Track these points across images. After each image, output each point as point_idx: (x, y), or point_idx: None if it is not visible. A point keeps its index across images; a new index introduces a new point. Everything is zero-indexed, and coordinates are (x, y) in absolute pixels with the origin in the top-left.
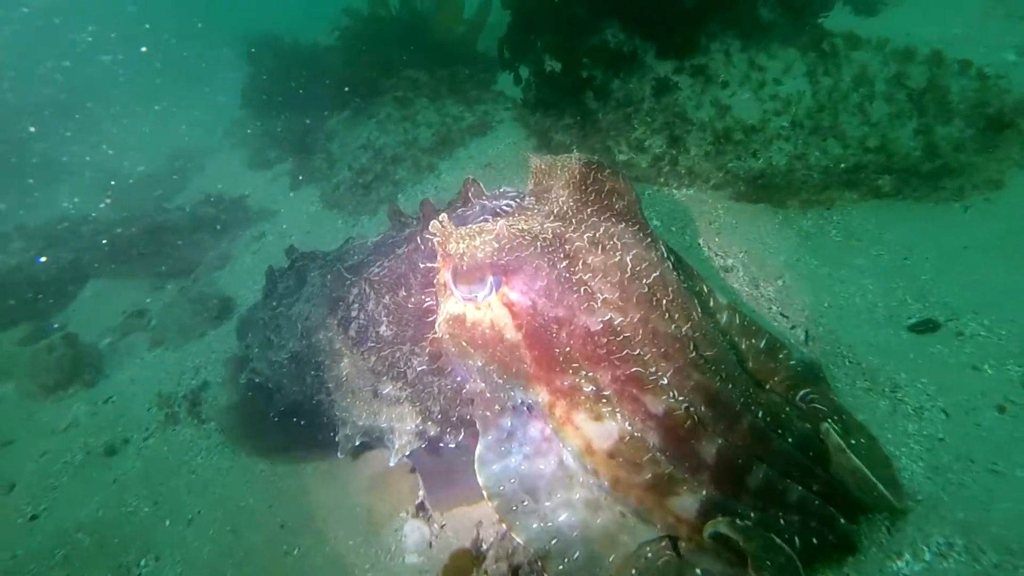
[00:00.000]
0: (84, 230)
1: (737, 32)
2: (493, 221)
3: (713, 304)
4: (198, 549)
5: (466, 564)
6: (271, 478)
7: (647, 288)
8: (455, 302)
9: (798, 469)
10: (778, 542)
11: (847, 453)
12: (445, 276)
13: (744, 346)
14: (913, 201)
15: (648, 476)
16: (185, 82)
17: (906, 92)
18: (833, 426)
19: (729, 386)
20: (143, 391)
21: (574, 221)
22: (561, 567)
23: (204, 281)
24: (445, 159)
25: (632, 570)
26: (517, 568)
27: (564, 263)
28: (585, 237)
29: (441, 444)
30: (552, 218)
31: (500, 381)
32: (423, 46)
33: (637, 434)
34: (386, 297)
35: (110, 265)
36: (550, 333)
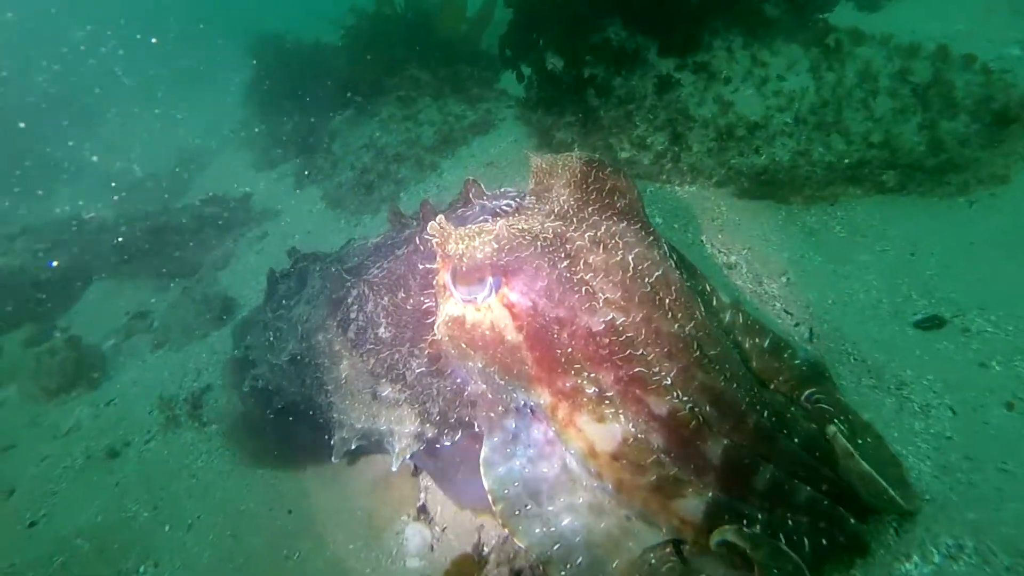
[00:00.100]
0: (88, 231)
1: (740, 28)
2: (493, 221)
3: (716, 303)
4: (198, 554)
5: (468, 569)
6: (271, 482)
7: (650, 287)
8: (454, 304)
9: (805, 469)
10: (785, 549)
11: (856, 458)
12: (444, 277)
13: (748, 345)
14: (918, 196)
15: (653, 478)
16: (190, 83)
17: (910, 87)
18: (840, 426)
19: (734, 386)
20: (145, 393)
21: (575, 220)
22: (564, 573)
23: (207, 281)
24: (447, 158)
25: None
26: (519, 572)
27: (565, 263)
28: (586, 236)
29: (438, 445)
30: (553, 217)
31: (502, 382)
32: (426, 44)
33: (641, 435)
34: (385, 299)
35: (114, 266)
36: (551, 334)
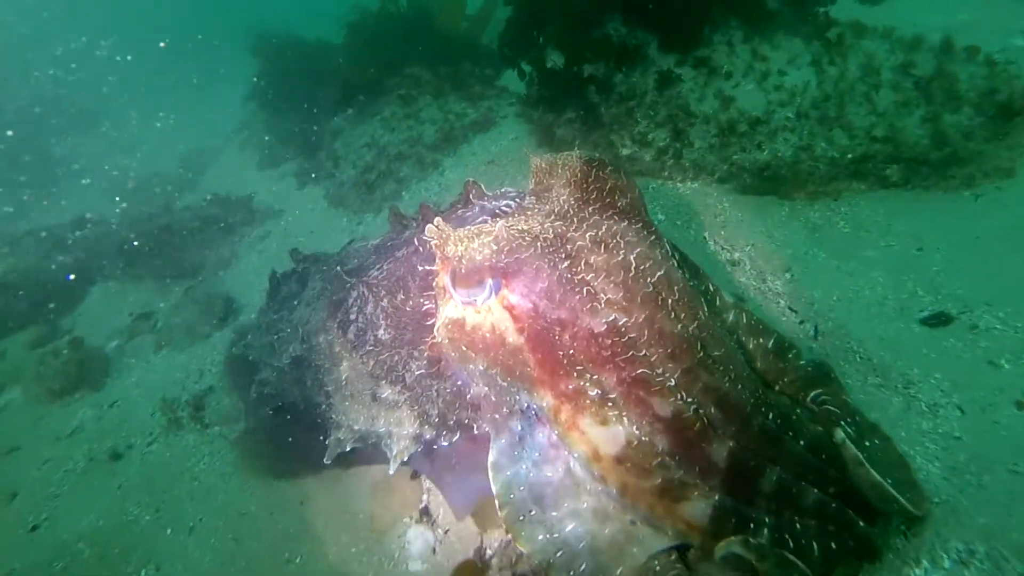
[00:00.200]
0: (92, 233)
1: (741, 22)
2: (492, 222)
3: (719, 303)
4: (199, 558)
5: (471, 573)
6: (273, 485)
7: (652, 287)
8: (454, 306)
9: (812, 472)
10: (792, 559)
11: (866, 467)
12: (444, 280)
13: (752, 346)
14: (922, 191)
15: (658, 481)
16: (192, 84)
17: (913, 80)
18: (847, 429)
19: (739, 387)
20: (148, 395)
21: (575, 220)
22: None
23: (210, 282)
24: (449, 156)
25: None
26: None
27: (566, 263)
28: (587, 236)
29: (435, 446)
30: (553, 217)
31: (504, 384)
32: (427, 42)
33: (645, 438)
34: (384, 300)
35: (118, 267)
36: (553, 335)
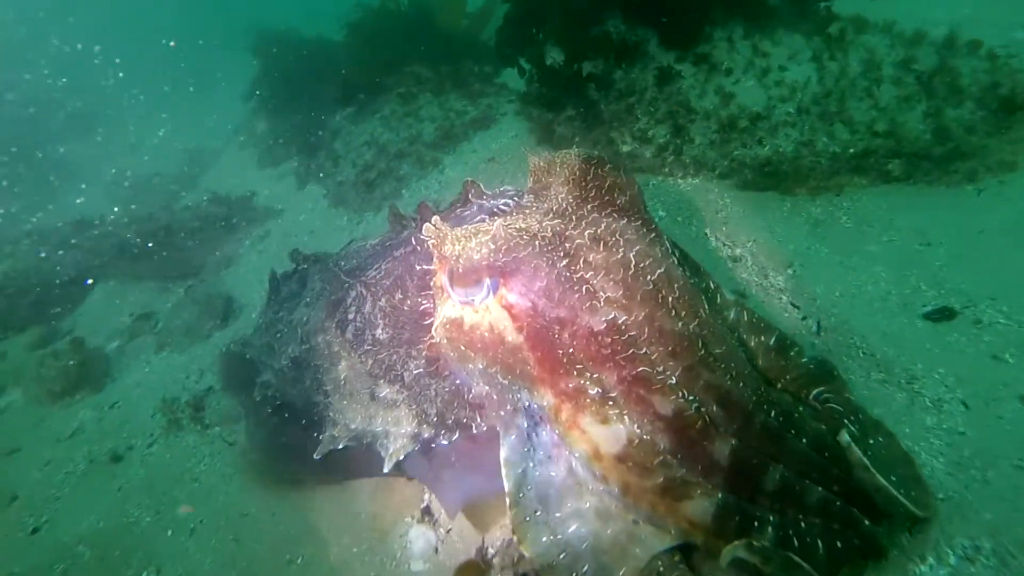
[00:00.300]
0: (93, 233)
1: (741, 18)
2: (490, 221)
3: (720, 300)
4: (200, 559)
5: (473, 573)
6: (274, 485)
7: (652, 285)
8: (452, 305)
9: (815, 470)
10: (797, 560)
11: (871, 471)
12: (441, 279)
13: (753, 343)
14: (924, 185)
15: (660, 480)
16: (193, 84)
17: (914, 75)
18: (850, 427)
19: (740, 384)
20: (148, 396)
21: (574, 218)
22: None
23: (210, 282)
24: (449, 154)
25: None
26: None
27: (564, 262)
28: (586, 234)
29: (434, 445)
30: (551, 216)
31: (505, 382)
32: (427, 40)
33: (646, 437)
34: (382, 300)
35: (119, 268)
36: (552, 334)
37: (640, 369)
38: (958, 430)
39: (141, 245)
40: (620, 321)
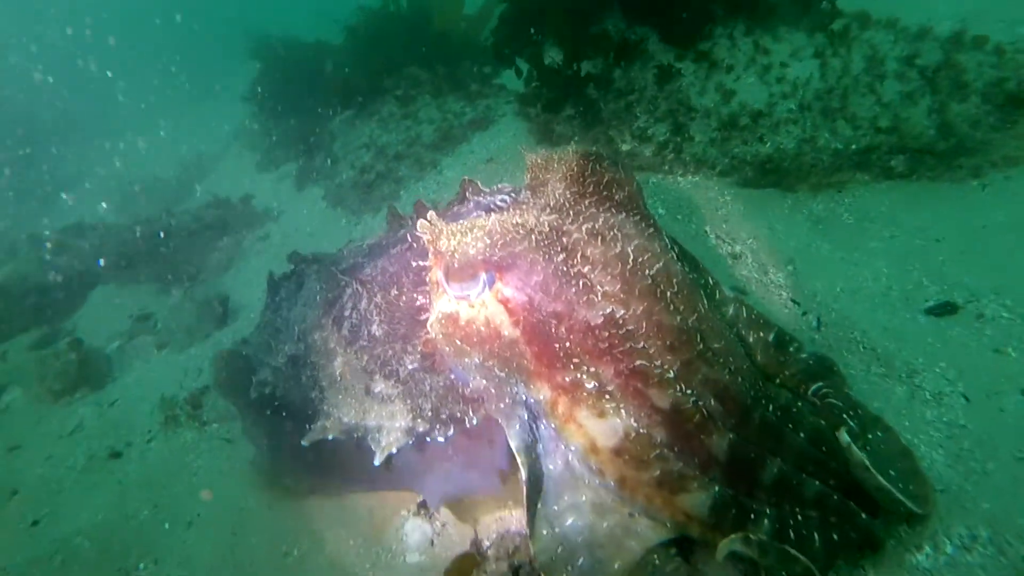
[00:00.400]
0: (93, 236)
1: (742, 15)
2: (487, 216)
3: (719, 296)
4: (198, 551)
5: (469, 566)
6: (271, 480)
7: (650, 279)
8: (447, 300)
9: (813, 464)
10: (793, 552)
11: (871, 471)
12: (437, 274)
13: (752, 339)
14: (928, 181)
15: (656, 473)
16: (192, 88)
17: (918, 70)
18: (849, 422)
19: (738, 379)
20: (148, 394)
21: (572, 213)
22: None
23: (209, 283)
24: (448, 155)
25: None
26: (518, 568)
27: (561, 256)
28: (584, 229)
29: (428, 439)
30: (548, 211)
31: (503, 375)
32: (425, 42)
33: (643, 430)
34: (378, 296)
35: (118, 270)
36: (549, 328)
37: (638, 363)
38: (958, 423)
39: (140, 248)
40: (618, 315)
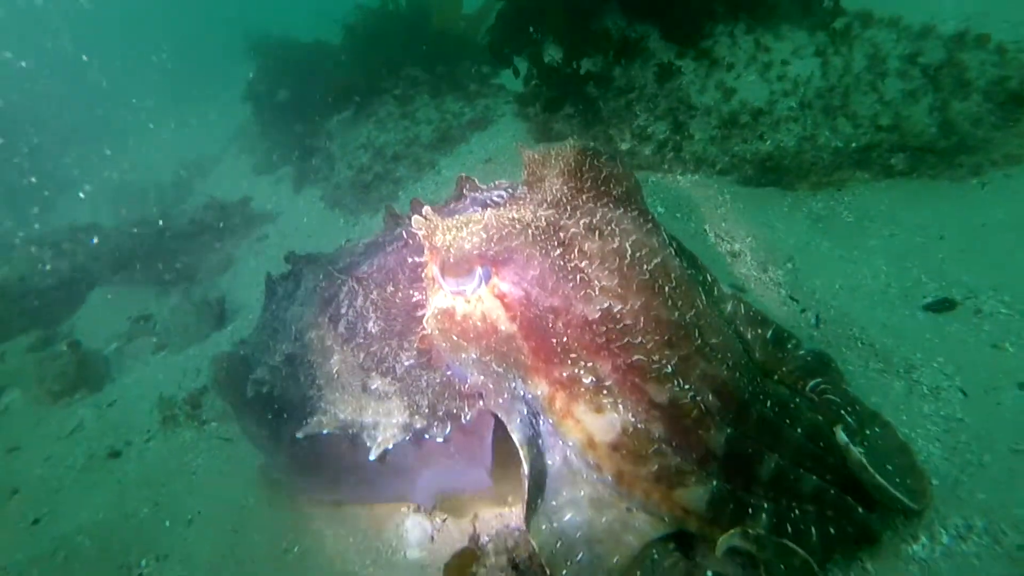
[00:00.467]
0: (92, 238)
1: (744, 13)
2: (483, 212)
3: (717, 293)
4: (198, 549)
5: (469, 561)
6: (270, 478)
7: (648, 274)
8: (443, 296)
9: (810, 459)
10: (791, 545)
11: (869, 471)
12: (432, 270)
13: (750, 336)
14: (928, 179)
15: (654, 468)
16: (190, 90)
17: (920, 69)
18: (847, 418)
19: (736, 374)
20: (146, 394)
21: (569, 208)
22: (564, 572)
23: (207, 285)
24: (446, 155)
25: (638, 573)
26: (518, 563)
27: (558, 251)
28: (581, 223)
29: (427, 436)
30: (545, 206)
31: (500, 370)
32: (425, 42)
33: (641, 425)
34: (374, 293)
35: (117, 272)
36: (546, 323)
37: (635, 358)
38: (956, 417)
39: (139, 250)
40: (615, 310)
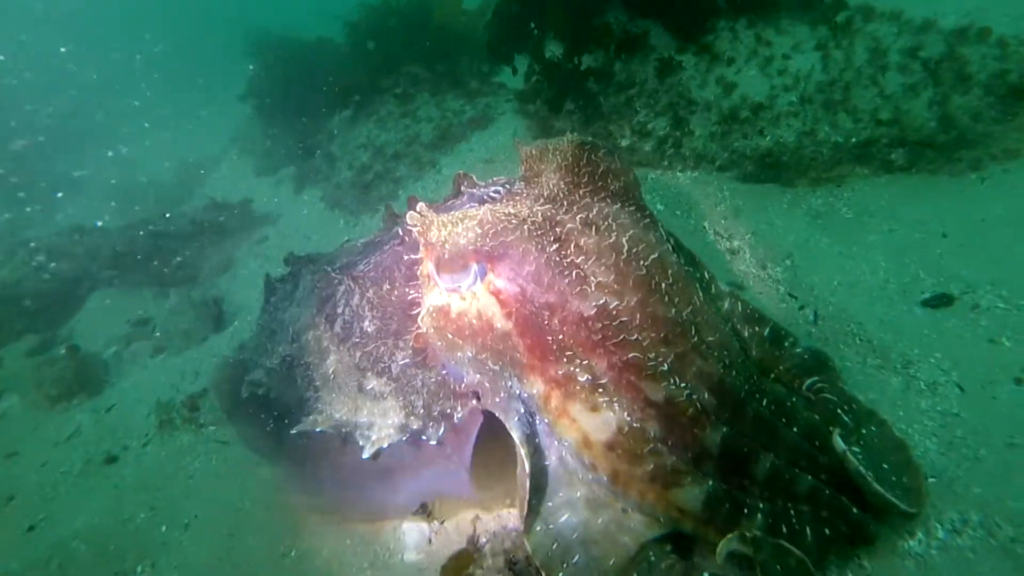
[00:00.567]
0: (90, 241)
1: (746, 7)
2: (479, 207)
3: (715, 291)
4: (195, 553)
5: (466, 562)
6: (268, 481)
7: (645, 270)
8: (438, 293)
9: (806, 459)
10: (787, 546)
11: (867, 479)
12: (428, 267)
13: (747, 334)
14: (927, 174)
15: (650, 468)
16: (192, 91)
17: (921, 63)
18: (843, 417)
19: (733, 373)
20: (145, 398)
21: (565, 203)
22: (561, 574)
23: (207, 287)
24: (446, 154)
25: (634, 574)
26: (515, 563)
27: (554, 246)
28: (577, 219)
29: (424, 437)
30: (542, 201)
31: (496, 368)
32: (425, 40)
33: (637, 424)
34: (370, 291)
35: (115, 274)
36: (541, 320)
37: (631, 355)
38: (952, 412)
39: (139, 252)
40: (611, 306)
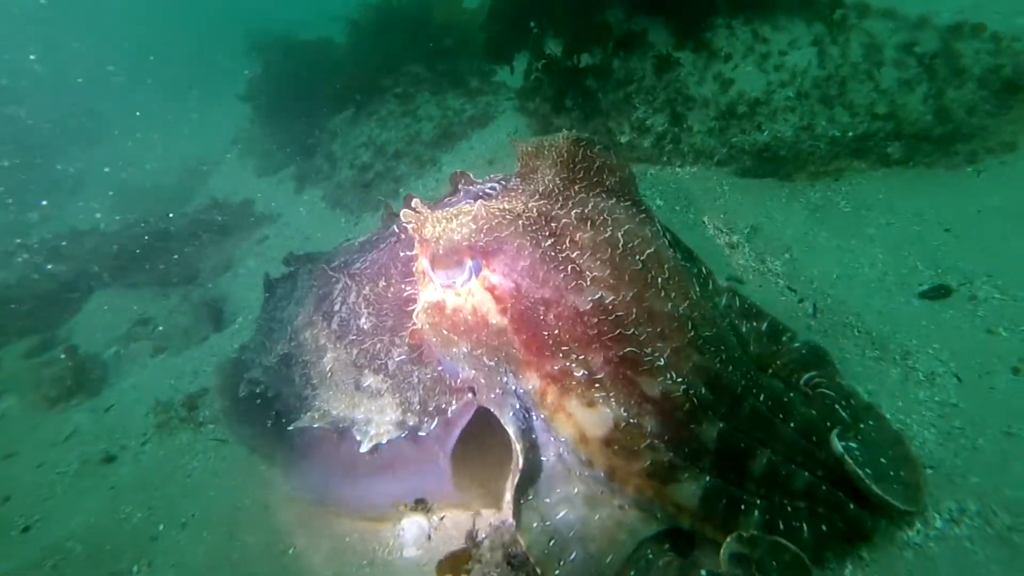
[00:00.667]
0: (91, 241)
1: (743, 4)
2: (474, 203)
3: (712, 286)
4: (193, 552)
5: (463, 557)
6: (266, 479)
7: (641, 265)
8: (433, 289)
9: (803, 455)
10: (783, 542)
11: (867, 483)
12: (423, 263)
13: (745, 329)
14: (924, 168)
15: (646, 463)
16: (193, 92)
17: (916, 58)
18: (841, 412)
19: (730, 368)
20: (144, 398)
21: (561, 198)
22: (557, 572)
23: (208, 286)
24: (447, 152)
25: (632, 573)
26: (512, 556)
27: (550, 241)
28: (573, 214)
29: (421, 432)
30: (537, 197)
31: (492, 364)
32: (426, 39)
33: (633, 420)
34: (366, 288)
35: (116, 274)
36: (537, 315)
37: (627, 350)
38: (950, 402)
39: (140, 253)
40: (607, 301)
